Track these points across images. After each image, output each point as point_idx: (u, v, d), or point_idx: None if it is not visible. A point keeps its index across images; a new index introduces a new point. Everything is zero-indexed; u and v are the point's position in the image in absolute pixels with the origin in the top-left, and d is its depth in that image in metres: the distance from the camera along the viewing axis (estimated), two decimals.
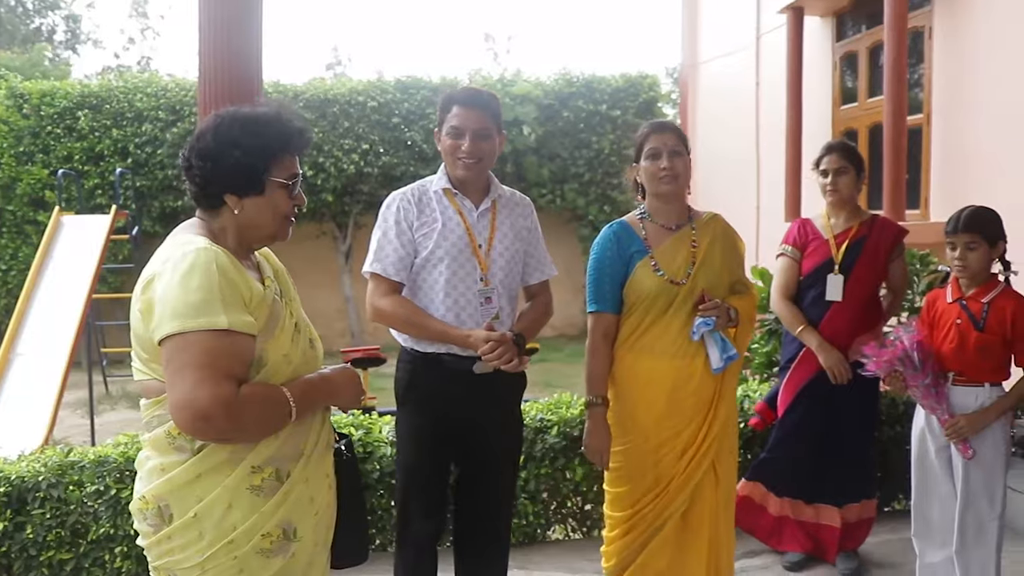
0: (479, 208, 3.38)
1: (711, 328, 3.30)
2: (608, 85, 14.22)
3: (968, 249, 3.63)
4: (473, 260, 3.32)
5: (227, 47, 4.18)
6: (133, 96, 12.97)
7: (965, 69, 7.13)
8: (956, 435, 3.62)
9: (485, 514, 3.51)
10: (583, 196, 14.03)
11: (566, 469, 4.77)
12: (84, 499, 4.27)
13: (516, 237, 3.46)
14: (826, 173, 4.36)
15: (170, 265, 2.12)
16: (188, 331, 2.04)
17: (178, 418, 2.05)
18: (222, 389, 2.03)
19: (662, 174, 3.37)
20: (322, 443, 2.35)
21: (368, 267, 3.36)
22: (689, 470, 3.38)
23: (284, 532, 2.21)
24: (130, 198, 12.13)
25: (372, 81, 13.94)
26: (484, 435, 3.39)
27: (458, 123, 3.29)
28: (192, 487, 2.15)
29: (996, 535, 3.66)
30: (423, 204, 3.35)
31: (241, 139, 2.23)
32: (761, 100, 10.87)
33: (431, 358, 3.32)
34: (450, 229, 3.31)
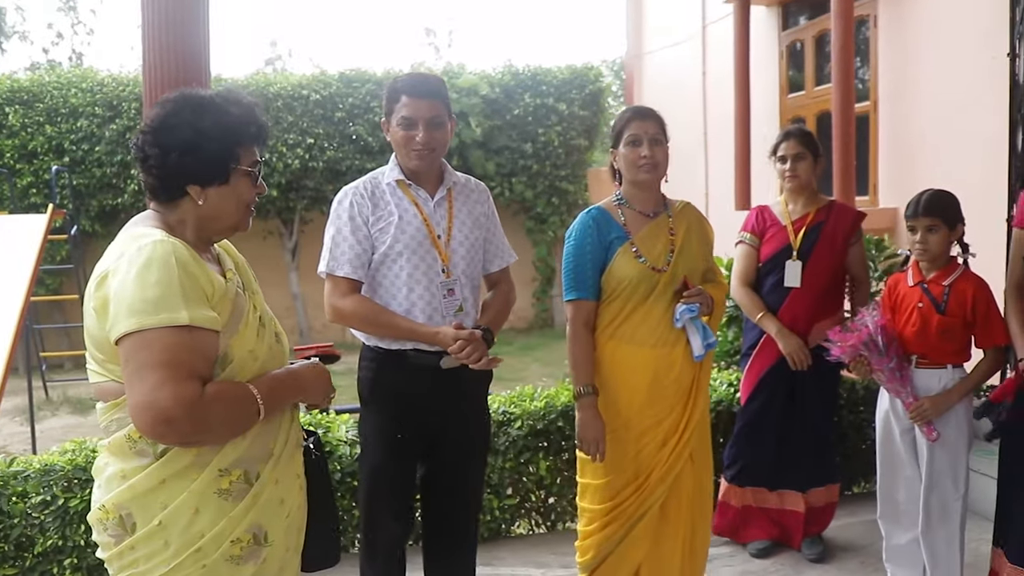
0: (435, 198, 3.29)
1: (695, 315, 3.28)
2: (554, 77, 14.16)
3: (929, 232, 3.65)
4: (433, 252, 3.22)
5: (172, 38, 4.03)
6: (67, 92, 12.59)
7: (910, 56, 7.21)
8: (921, 418, 3.64)
9: (454, 512, 3.43)
10: (531, 188, 13.98)
11: (530, 463, 4.73)
12: (29, 510, 4.04)
13: (475, 225, 3.37)
14: (784, 159, 4.35)
15: (125, 260, 1.99)
16: (147, 328, 1.92)
17: (139, 421, 1.93)
18: (185, 389, 1.91)
19: (642, 162, 3.34)
20: (291, 442, 2.24)
21: (324, 267, 3.24)
22: (670, 461, 3.36)
23: (255, 537, 2.11)
24: (67, 197, 11.82)
25: (315, 75, 13.73)
26: (452, 430, 3.31)
27: (409, 113, 3.17)
28: (156, 493, 2.03)
29: (960, 515, 3.71)
30: (376, 197, 3.24)
31: (206, 127, 2.11)
32: (708, 90, 10.92)
33: (396, 355, 3.22)
34: (407, 221, 3.21)
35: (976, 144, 6.17)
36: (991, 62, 5.79)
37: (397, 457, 3.28)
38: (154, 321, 1.92)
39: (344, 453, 4.48)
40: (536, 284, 14.39)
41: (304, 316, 13.86)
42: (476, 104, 13.39)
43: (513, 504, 4.79)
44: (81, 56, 25.49)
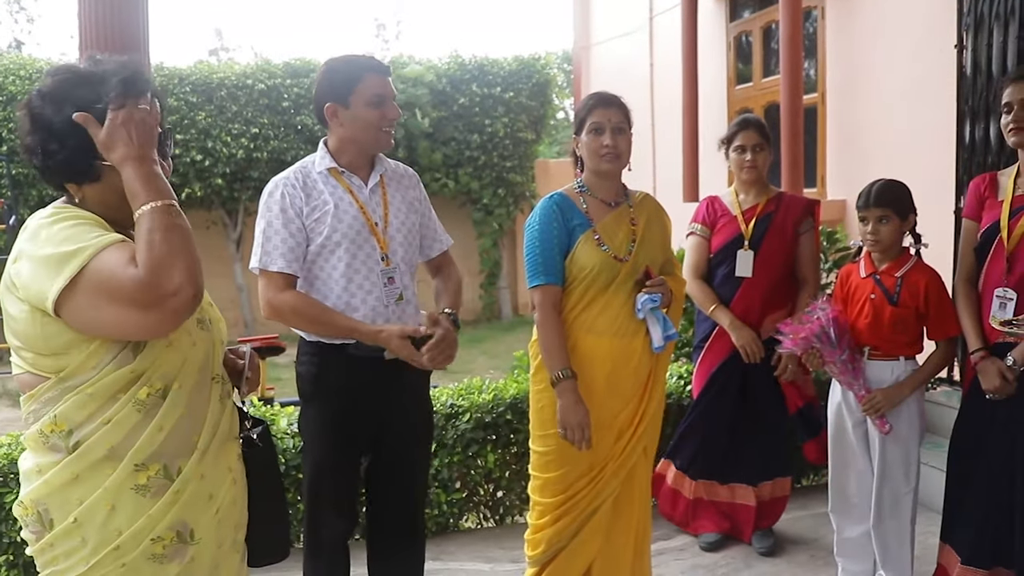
0: (369, 185, 3.18)
1: (656, 305, 3.23)
2: (501, 68, 14.12)
3: (880, 223, 3.63)
4: (372, 240, 3.11)
5: (109, 23, 3.94)
6: (5, 79, 12.32)
7: (858, 48, 7.25)
8: (873, 410, 3.63)
9: (399, 505, 3.34)
10: (477, 179, 13.93)
11: (478, 456, 4.67)
12: None
13: (410, 210, 3.28)
14: (743, 149, 4.30)
15: (26, 234, 1.94)
16: (85, 264, 1.84)
17: (148, 321, 1.85)
18: (137, 287, 1.82)
19: (604, 151, 3.27)
20: (221, 434, 2.14)
21: (256, 263, 3.09)
22: (625, 454, 3.31)
23: (179, 535, 2.02)
24: (6, 186, 11.56)
25: (260, 64, 13.56)
26: (395, 422, 3.21)
27: (381, 90, 3.08)
28: (70, 489, 1.96)
29: (911, 508, 3.70)
30: (309, 187, 3.10)
31: (61, 127, 1.97)
32: (655, 81, 10.93)
33: (336, 348, 3.11)
34: (343, 210, 3.08)
35: (924, 135, 6.21)
36: (939, 54, 5.83)
37: (340, 452, 3.19)
38: (82, 260, 1.84)
39: (288, 446, 4.39)
40: (483, 276, 14.32)
41: (249, 308, 13.69)
42: (423, 95, 13.30)
43: (461, 498, 4.73)
44: (21, 44, 25.01)
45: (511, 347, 4.40)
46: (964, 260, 3.59)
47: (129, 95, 1.96)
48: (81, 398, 1.94)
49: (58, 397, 1.96)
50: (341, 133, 3.14)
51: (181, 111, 12.58)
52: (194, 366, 2.07)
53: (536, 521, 3.41)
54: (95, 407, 1.95)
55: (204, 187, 12.61)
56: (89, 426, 1.95)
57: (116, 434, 1.96)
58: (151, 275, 1.81)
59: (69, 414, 1.95)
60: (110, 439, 1.95)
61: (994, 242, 3.43)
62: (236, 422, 2.25)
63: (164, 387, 2.01)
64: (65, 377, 1.95)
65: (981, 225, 3.53)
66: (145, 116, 1.96)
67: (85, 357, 1.93)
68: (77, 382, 1.95)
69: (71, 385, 1.95)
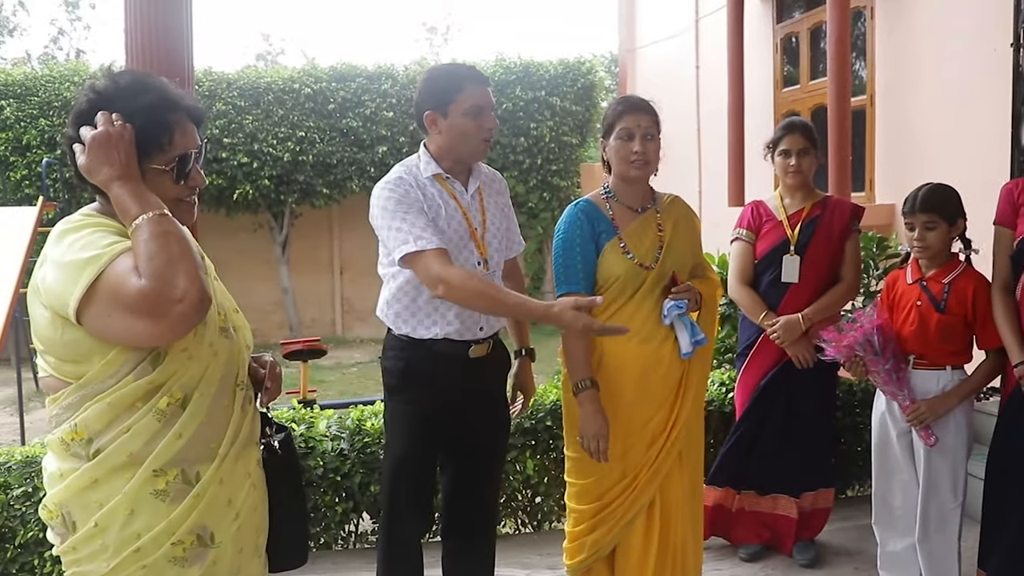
0: (469, 191, 3.26)
1: (683, 311, 3.18)
2: (546, 71, 14.09)
3: (927, 229, 3.53)
4: (471, 245, 3.19)
5: (154, 28, 3.98)
6: (60, 85, 12.60)
7: (907, 49, 7.12)
8: (918, 421, 3.53)
9: (476, 505, 3.40)
10: (523, 183, 13.91)
11: (517, 462, 4.64)
12: (11, 502, 4.04)
13: (502, 216, 3.37)
14: (788, 154, 4.23)
15: (50, 241, 1.98)
16: (101, 271, 1.86)
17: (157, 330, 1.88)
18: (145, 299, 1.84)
19: (633, 158, 3.22)
20: (241, 440, 2.16)
21: (412, 247, 2.97)
22: (659, 461, 3.25)
23: (199, 538, 2.05)
24: (59, 190, 11.77)
25: (305, 69, 13.68)
26: (476, 421, 3.28)
27: (481, 101, 3.12)
28: (91, 493, 2.00)
29: (957, 523, 3.60)
30: (422, 188, 3.16)
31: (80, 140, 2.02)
32: (701, 84, 10.83)
33: (424, 344, 3.17)
34: (449, 215, 3.16)
35: (977, 138, 6.07)
36: (992, 53, 5.69)
37: (422, 447, 3.24)
38: (96, 269, 1.87)
39: (327, 449, 4.40)
40: (527, 280, 14.23)
41: (294, 310, 13.79)
42: None
43: (499, 503, 4.70)
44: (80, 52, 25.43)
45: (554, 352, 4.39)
46: (1000, 268, 3.46)
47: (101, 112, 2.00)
48: (100, 407, 1.97)
49: (78, 404, 1.99)
50: (440, 141, 3.19)
51: (229, 115, 12.72)
52: (216, 375, 2.09)
53: (572, 529, 3.38)
54: (114, 416, 1.98)
55: (252, 190, 12.72)
56: (109, 434, 1.98)
57: (135, 442, 1.98)
58: (155, 283, 1.83)
59: (89, 423, 1.98)
60: (129, 447, 1.98)
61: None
62: (257, 428, 2.26)
63: (184, 396, 2.03)
64: (84, 384, 1.97)
65: (1017, 233, 3.38)
66: (122, 132, 1.98)
67: (103, 365, 1.95)
68: (95, 390, 1.97)
69: (90, 392, 1.97)
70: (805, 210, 4.24)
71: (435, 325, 3.16)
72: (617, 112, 3.28)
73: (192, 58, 4.15)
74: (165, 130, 2.05)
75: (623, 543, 3.30)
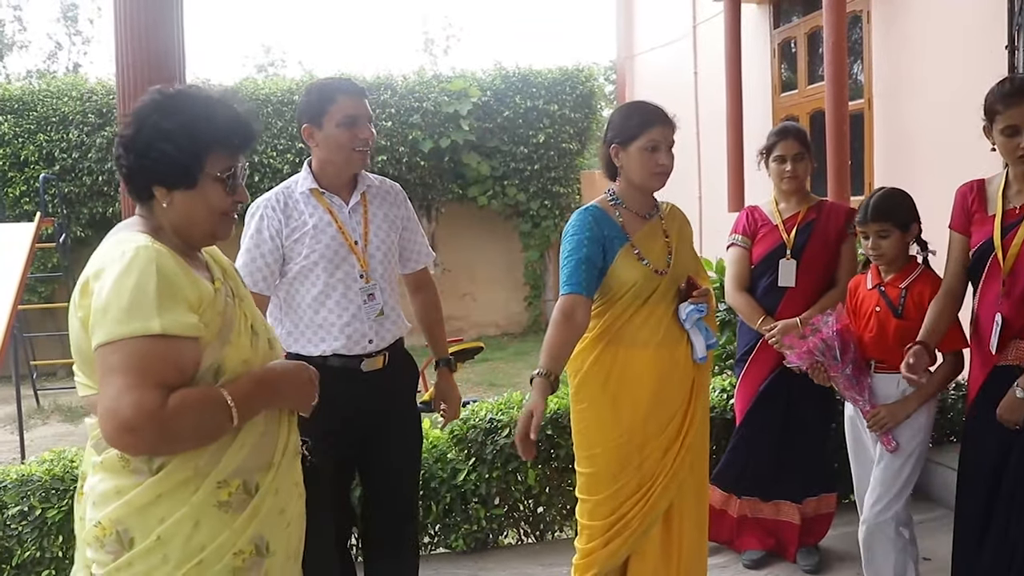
0: (349, 204, 3.28)
1: (703, 315, 3.20)
2: (544, 79, 14.08)
3: (880, 237, 3.57)
4: (351, 258, 3.23)
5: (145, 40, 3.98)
6: (58, 100, 12.55)
7: (905, 53, 7.10)
8: (878, 426, 3.56)
9: (389, 520, 3.44)
10: (523, 191, 13.89)
11: (518, 472, 4.62)
12: (7, 521, 4.03)
13: (391, 228, 3.39)
14: (783, 159, 4.23)
15: (107, 268, 1.97)
16: (118, 339, 1.88)
17: (104, 429, 1.89)
18: (146, 397, 1.85)
19: (659, 170, 3.22)
20: (291, 450, 2.21)
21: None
22: (674, 467, 3.23)
23: (257, 548, 2.07)
24: (58, 205, 11.76)
25: (304, 80, 13.67)
26: (381, 436, 3.31)
27: (353, 111, 3.18)
28: (153, 508, 1.99)
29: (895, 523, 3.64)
30: (289, 209, 3.23)
31: (170, 129, 2.06)
32: (700, 90, 10.82)
33: (317, 362, 3.09)
34: (321, 231, 3.20)
35: (975, 140, 6.02)
36: (988, 55, 5.69)
37: (331, 462, 3.17)
38: (126, 331, 1.88)
39: None
40: (528, 288, 14.27)
41: None
42: (466, 107, 13.30)
43: (501, 514, 4.68)
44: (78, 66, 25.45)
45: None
46: (949, 274, 3.42)
47: None
48: None
49: None
50: (318, 154, 3.26)
51: None
52: None
53: (585, 545, 3.31)
54: None
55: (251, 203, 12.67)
56: None
57: (201, 455, 2.01)
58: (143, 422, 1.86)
59: None
60: (195, 460, 2.00)
61: (988, 261, 3.23)
62: (298, 438, 2.30)
63: None
64: None
65: (972, 242, 3.32)
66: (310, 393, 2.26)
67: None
68: None
69: None
70: (800, 214, 4.25)
71: (322, 342, 3.21)
72: (644, 122, 3.23)
73: (184, 69, 4.15)
74: (227, 140, 2.13)
75: (638, 552, 3.27)
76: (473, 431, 4.57)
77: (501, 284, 14.09)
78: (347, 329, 3.19)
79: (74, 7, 25.94)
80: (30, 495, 4.05)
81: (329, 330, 3.20)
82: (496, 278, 14.01)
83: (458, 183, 13.59)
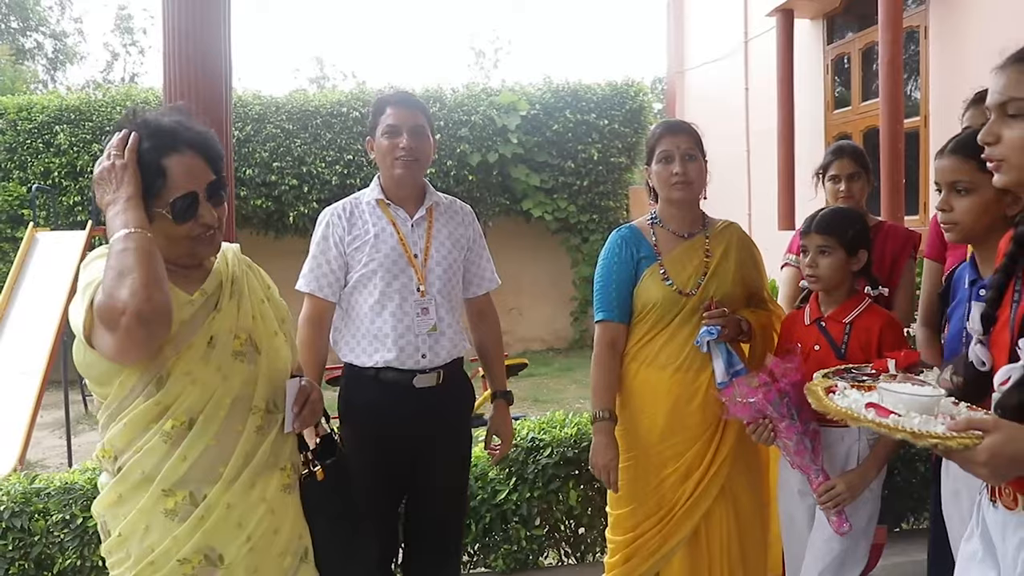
0: (414, 217, 3.30)
1: (715, 337, 3.08)
2: (594, 94, 14.02)
3: (819, 253, 3.08)
4: (409, 270, 3.23)
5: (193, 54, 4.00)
6: (112, 110, 12.69)
7: (962, 69, 6.97)
8: (833, 503, 2.93)
9: (434, 535, 3.42)
10: (573, 204, 13.84)
11: (559, 492, 4.55)
12: (50, 528, 4.02)
13: (455, 246, 3.37)
14: (837, 179, 4.11)
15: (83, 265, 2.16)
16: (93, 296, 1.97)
17: (111, 343, 1.96)
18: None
19: (674, 180, 3.17)
20: (256, 465, 2.21)
21: (299, 283, 3.31)
22: (696, 496, 3.15)
23: (207, 557, 2.14)
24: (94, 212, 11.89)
25: (354, 92, 13.74)
26: (430, 457, 3.29)
27: (395, 120, 3.24)
28: (118, 507, 2.16)
29: None
30: (355, 218, 3.28)
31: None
32: (751, 106, 10.74)
33: (370, 372, 3.22)
34: (382, 240, 3.23)
35: None
36: None
37: (373, 475, 3.20)
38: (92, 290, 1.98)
39: None
40: (575, 303, 14.22)
41: None
42: (515, 120, 13.29)
43: (542, 534, 4.61)
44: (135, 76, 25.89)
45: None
46: (924, 304, 3.25)
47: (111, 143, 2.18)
48: (120, 427, 2.11)
49: (106, 423, 2.14)
50: (380, 167, 3.34)
51: (278, 139, 12.78)
52: (225, 399, 2.16)
53: (609, 560, 3.33)
54: (132, 436, 2.11)
55: (300, 214, 12.76)
56: (127, 452, 2.12)
57: (147, 461, 2.11)
58: (102, 297, 1.92)
59: (114, 441, 2.13)
60: (142, 465, 2.11)
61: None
62: (284, 453, 2.30)
63: (190, 419, 2.12)
64: (108, 404, 2.13)
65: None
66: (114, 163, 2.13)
67: (118, 386, 2.09)
68: (116, 410, 2.12)
69: (113, 413, 2.12)
70: None
71: (376, 352, 3.21)
72: (656, 136, 3.25)
73: (230, 81, 4.19)
74: (158, 174, 2.13)
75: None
76: (515, 450, 4.51)
77: (547, 299, 14.04)
78: (400, 341, 3.19)
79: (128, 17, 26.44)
80: (72, 503, 4.06)
81: (383, 341, 3.19)
82: (543, 293, 13.96)
83: (505, 196, 13.58)
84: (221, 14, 4.06)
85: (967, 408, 1.95)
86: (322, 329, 3.27)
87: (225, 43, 4.09)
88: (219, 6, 4.06)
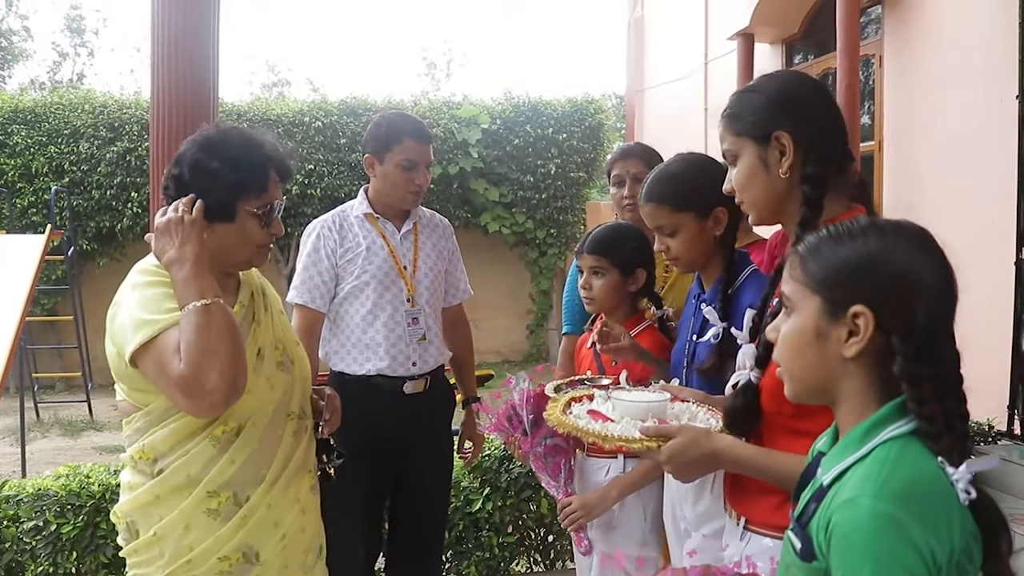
0: (401, 231, 3.43)
1: None
2: (554, 109, 14.19)
3: (593, 274, 2.94)
4: (399, 282, 3.37)
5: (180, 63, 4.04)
6: (70, 113, 12.56)
7: (915, 97, 7.17)
8: (569, 521, 2.87)
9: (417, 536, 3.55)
10: (531, 219, 13.96)
11: (531, 501, 4.64)
12: (21, 535, 3.96)
13: (439, 257, 3.54)
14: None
15: (127, 283, 2.21)
16: (153, 336, 2.06)
17: (189, 407, 2.08)
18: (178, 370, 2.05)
19: (626, 203, 3.33)
20: (292, 467, 2.34)
21: (292, 295, 3.41)
22: None
23: (244, 555, 2.23)
24: (66, 217, 11.77)
25: (316, 102, 13.76)
26: (416, 460, 3.43)
27: (415, 156, 3.33)
28: (154, 507, 2.21)
29: None
30: (344, 230, 3.38)
31: (213, 167, 2.24)
32: (709, 126, 10.88)
33: (362, 380, 3.34)
34: (374, 253, 3.35)
35: (985, 185, 6.12)
36: (999, 104, 5.76)
37: (366, 483, 3.32)
38: (157, 328, 2.07)
39: None
40: (532, 316, 14.35)
41: None
42: (475, 134, 13.39)
43: (512, 542, 4.69)
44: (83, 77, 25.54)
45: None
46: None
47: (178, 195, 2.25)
48: (165, 432, 2.18)
49: (146, 428, 2.20)
50: (375, 184, 3.43)
51: None
52: (269, 406, 2.29)
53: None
54: (176, 441, 2.18)
55: None
56: (170, 456, 2.19)
57: (193, 465, 2.19)
58: (189, 371, 2.01)
59: (155, 445, 2.19)
60: (188, 468, 2.18)
61: None
62: (312, 456, 2.46)
63: (239, 426, 2.23)
64: (150, 411, 2.20)
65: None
66: (183, 217, 2.18)
67: (165, 398, 2.15)
68: (160, 417, 2.19)
69: (155, 419, 2.19)
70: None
71: (368, 361, 3.33)
72: (611, 160, 3.43)
73: (217, 88, 4.24)
74: (264, 179, 2.27)
75: None
76: (487, 459, 4.59)
77: (504, 312, 14.13)
78: (392, 350, 3.33)
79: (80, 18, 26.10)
80: (45, 510, 3.98)
81: (375, 350, 3.32)
82: (499, 306, 14.02)
83: (465, 209, 13.65)
84: (210, 21, 4.11)
85: (708, 411, 2.17)
86: (313, 339, 3.36)
87: (214, 48, 4.14)
88: (208, 13, 4.10)
